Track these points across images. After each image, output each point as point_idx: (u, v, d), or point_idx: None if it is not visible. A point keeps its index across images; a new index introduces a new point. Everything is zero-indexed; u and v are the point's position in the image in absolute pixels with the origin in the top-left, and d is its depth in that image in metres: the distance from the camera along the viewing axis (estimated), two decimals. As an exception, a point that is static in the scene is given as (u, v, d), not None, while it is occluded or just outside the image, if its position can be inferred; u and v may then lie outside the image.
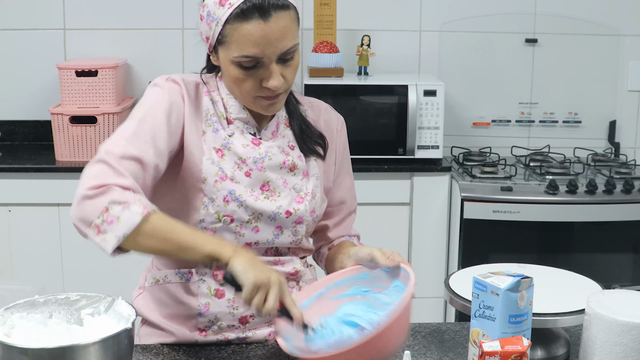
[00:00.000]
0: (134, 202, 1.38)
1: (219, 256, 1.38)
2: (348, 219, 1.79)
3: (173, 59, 3.43)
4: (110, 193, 1.38)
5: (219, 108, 1.60)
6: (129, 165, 1.44)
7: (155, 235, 1.39)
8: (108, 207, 1.37)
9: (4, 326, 1.32)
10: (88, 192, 1.39)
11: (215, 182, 1.55)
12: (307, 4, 3.35)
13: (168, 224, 1.41)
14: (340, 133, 1.75)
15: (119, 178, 1.41)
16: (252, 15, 1.46)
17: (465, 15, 3.46)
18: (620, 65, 3.51)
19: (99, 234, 1.38)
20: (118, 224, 1.37)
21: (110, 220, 1.37)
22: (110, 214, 1.37)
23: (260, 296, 1.35)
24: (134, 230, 1.37)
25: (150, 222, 1.39)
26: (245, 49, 1.48)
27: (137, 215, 1.37)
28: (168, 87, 1.56)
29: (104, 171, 1.42)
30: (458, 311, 2.58)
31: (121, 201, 1.38)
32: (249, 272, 1.35)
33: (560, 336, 1.57)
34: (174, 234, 1.41)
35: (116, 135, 1.49)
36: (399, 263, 1.50)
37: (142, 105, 1.55)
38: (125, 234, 1.37)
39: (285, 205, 1.60)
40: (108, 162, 1.43)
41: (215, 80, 1.63)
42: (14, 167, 3.06)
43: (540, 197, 2.96)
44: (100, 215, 1.38)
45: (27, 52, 3.42)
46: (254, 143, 1.60)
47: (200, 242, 1.40)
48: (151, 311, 1.64)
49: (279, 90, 1.53)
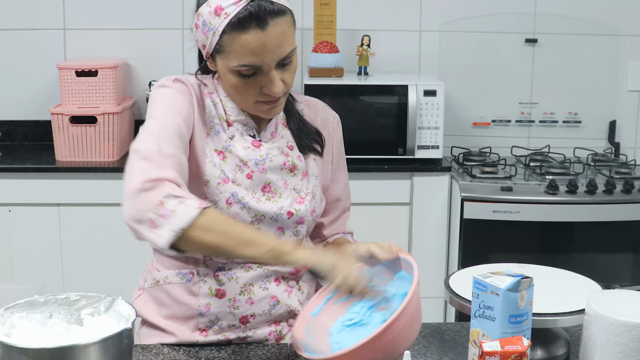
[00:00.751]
0: (190, 196, 1.37)
1: (282, 250, 1.39)
2: (343, 216, 1.80)
3: (173, 59, 3.43)
4: (165, 187, 1.36)
5: (219, 110, 1.60)
6: (169, 161, 1.42)
7: (214, 229, 1.37)
8: (163, 200, 1.34)
9: (4, 326, 1.32)
10: (143, 184, 1.35)
11: (217, 185, 1.55)
12: (307, 4, 3.35)
13: (226, 219, 1.41)
14: (336, 130, 1.75)
15: (165, 171, 1.39)
16: (249, 24, 1.46)
17: (465, 15, 3.46)
18: (620, 65, 3.51)
19: (154, 228, 1.34)
20: (174, 218, 1.34)
21: (166, 214, 1.34)
22: (165, 208, 1.34)
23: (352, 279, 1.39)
24: (191, 223, 1.34)
25: (209, 215, 1.37)
26: (244, 58, 1.48)
27: (194, 208, 1.35)
28: (179, 88, 1.56)
29: (149, 167, 1.39)
30: (458, 311, 2.58)
31: (177, 195, 1.36)
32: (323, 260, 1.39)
33: (560, 336, 1.57)
34: (234, 227, 1.40)
35: (144, 134, 1.47)
36: (398, 254, 1.50)
37: (158, 105, 1.53)
38: (182, 228, 1.34)
39: (286, 206, 1.60)
40: (149, 157, 1.40)
41: (213, 82, 1.63)
42: (14, 167, 3.06)
43: (540, 197, 2.96)
44: (154, 209, 1.34)
45: (27, 52, 3.42)
46: (254, 145, 1.60)
47: (263, 237, 1.40)
48: (151, 312, 1.64)
49: (279, 95, 1.53)
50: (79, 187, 3.04)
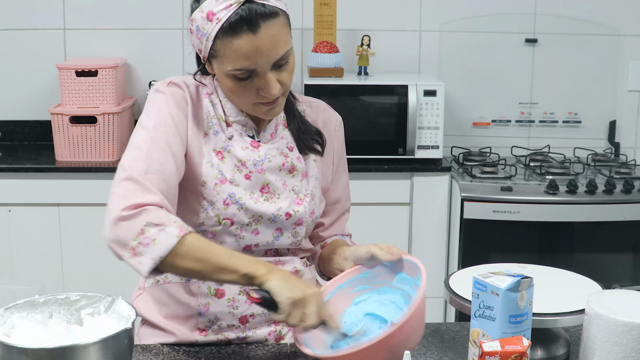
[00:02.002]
0: (170, 223, 1.38)
1: (255, 275, 1.38)
2: (342, 218, 1.80)
3: (173, 59, 3.43)
4: (145, 214, 1.38)
5: (218, 111, 1.60)
6: (155, 180, 1.43)
7: (191, 256, 1.38)
8: (144, 229, 1.37)
9: (4, 326, 1.32)
10: (122, 213, 1.38)
11: (215, 185, 1.55)
12: (307, 4, 3.35)
13: (204, 245, 1.41)
14: (338, 133, 1.75)
15: (149, 195, 1.40)
16: (240, 29, 1.45)
17: (465, 15, 3.46)
18: (620, 65, 3.51)
19: (135, 256, 1.37)
20: (154, 246, 1.36)
21: (147, 243, 1.36)
22: (146, 236, 1.36)
23: (297, 314, 1.35)
24: (170, 252, 1.37)
25: (186, 244, 1.38)
26: (238, 62, 1.48)
27: (173, 237, 1.37)
28: (171, 92, 1.56)
29: (133, 189, 1.41)
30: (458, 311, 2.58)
31: (157, 223, 1.37)
32: (284, 291, 1.35)
33: (560, 336, 1.57)
34: (210, 255, 1.40)
35: (133, 149, 1.48)
36: (400, 255, 1.50)
37: (149, 113, 1.54)
38: (161, 257, 1.36)
39: (285, 207, 1.60)
40: (135, 178, 1.42)
41: (212, 83, 1.63)
42: (14, 167, 3.06)
43: (540, 197, 2.96)
44: (136, 237, 1.37)
45: (27, 52, 3.42)
46: (253, 146, 1.60)
47: (236, 263, 1.39)
48: (151, 311, 1.64)
49: (276, 96, 1.53)
50: (79, 187, 3.04)
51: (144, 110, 1.56)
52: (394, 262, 1.51)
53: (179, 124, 1.53)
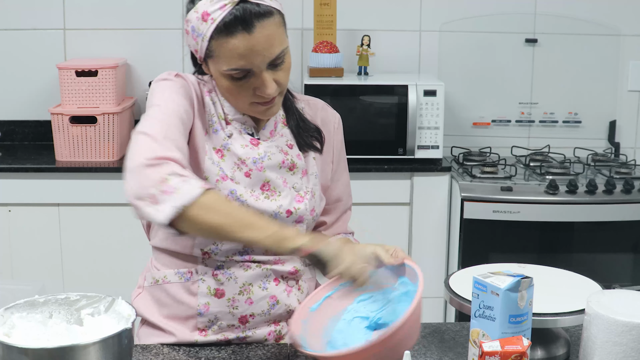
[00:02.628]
0: (194, 177, 1.36)
1: (285, 235, 1.36)
2: (344, 216, 1.80)
3: (173, 59, 3.42)
4: (169, 165, 1.34)
5: (218, 109, 1.60)
6: (172, 146, 1.41)
7: (216, 208, 1.35)
8: (167, 177, 1.32)
9: (4, 326, 1.32)
10: (148, 161, 1.34)
11: (216, 182, 1.55)
12: (307, 4, 3.35)
13: (229, 201, 1.40)
14: (337, 131, 1.75)
15: (172, 152, 1.38)
16: (235, 29, 1.45)
17: (465, 15, 3.46)
18: (620, 65, 3.51)
19: (153, 204, 1.32)
20: (177, 194, 1.32)
21: (169, 191, 1.32)
22: (169, 184, 1.32)
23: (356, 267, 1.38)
24: (194, 202, 1.32)
25: (212, 195, 1.35)
26: (233, 62, 1.48)
27: (198, 187, 1.34)
28: (180, 82, 1.56)
29: (154, 146, 1.38)
30: (458, 311, 2.58)
31: (181, 174, 1.34)
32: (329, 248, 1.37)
33: (560, 336, 1.57)
34: (236, 210, 1.38)
35: (147, 119, 1.46)
36: (403, 260, 1.50)
37: (159, 95, 1.52)
38: (184, 205, 1.31)
39: (285, 204, 1.60)
40: (154, 138, 1.39)
41: (211, 82, 1.63)
42: (14, 167, 3.06)
43: (540, 197, 2.96)
44: (158, 184, 1.32)
45: (27, 52, 3.42)
46: (253, 143, 1.60)
47: (265, 222, 1.38)
48: (151, 311, 1.64)
49: (273, 95, 1.53)
50: (79, 187, 3.04)
51: (151, 94, 1.54)
52: (397, 266, 1.52)
53: (187, 108, 1.52)
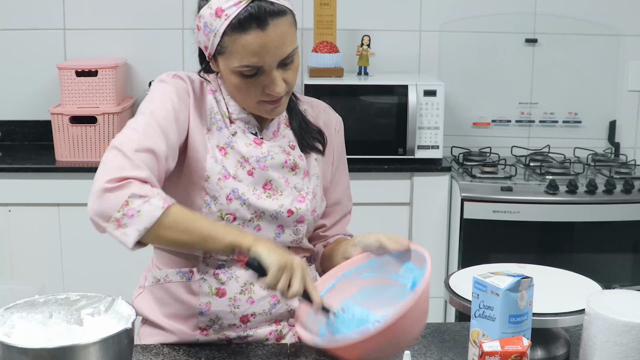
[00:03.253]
0: (154, 195, 1.39)
1: (240, 244, 1.40)
2: (344, 219, 1.80)
3: (173, 59, 3.43)
4: (130, 187, 1.38)
5: (222, 107, 1.61)
6: (144, 158, 1.43)
7: (176, 227, 1.39)
8: (128, 200, 1.37)
9: (4, 326, 1.32)
10: (107, 185, 1.37)
11: (218, 180, 1.55)
12: (307, 4, 3.35)
13: (188, 215, 1.42)
14: (339, 133, 1.76)
15: (136, 170, 1.40)
16: (249, 25, 1.46)
17: (465, 15, 3.46)
18: (620, 65, 3.51)
19: (119, 227, 1.38)
20: (139, 218, 1.37)
21: (131, 214, 1.36)
22: (130, 208, 1.36)
23: (285, 278, 1.38)
24: (155, 223, 1.37)
25: (171, 214, 1.39)
26: (245, 59, 1.48)
27: (158, 208, 1.38)
28: (175, 84, 1.57)
29: (121, 164, 1.41)
30: (458, 311, 2.58)
31: (141, 194, 1.37)
32: (272, 256, 1.38)
33: (560, 336, 1.57)
34: (195, 225, 1.41)
35: (128, 129, 1.49)
36: (409, 246, 1.50)
37: (151, 100, 1.55)
38: (146, 228, 1.37)
39: (287, 204, 1.61)
40: (124, 154, 1.42)
41: (216, 80, 1.63)
42: (14, 167, 3.06)
43: (540, 197, 2.96)
44: (120, 209, 1.37)
45: (27, 52, 3.42)
46: (256, 142, 1.61)
47: (222, 232, 1.41)
48: (152, 310, 1.65)
49: (281, 94, 1.54)
50: (79, 187, 3.04)
51: (146, 98, 1.57)
52: (401, 252, 1.52)
53: (180, 114, 1.53)
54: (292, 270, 1.39)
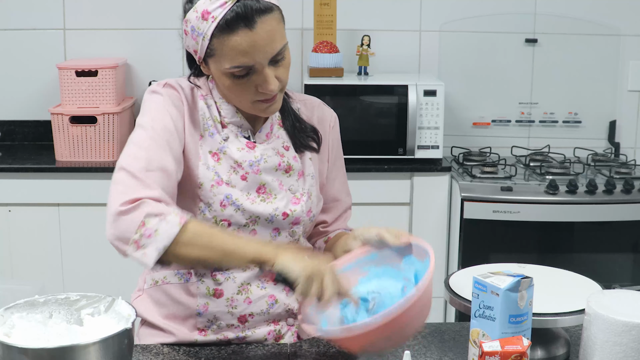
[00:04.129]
0: (170, 212, 1.38)
1: (264, 259, 1.37)
2: (344, 215, 1.80)
3: (173, 59, 3.41)
4: (144, 206, 1.37)
5: (214, 112, 1.60)
6: (154, 176, 1.43)
7: (196, 243, 1.38)
8: (144, 221, 1.36)
9: (4, 326, 1.32)
10: (121, 207, 1.37)
11: (211, 187, 1.55)
12: (307, 4, 3.35)
13: (207, 231, 1.40)
14: (334, 129, 1.75)
15: (148, 190, 1.40)
16: (237, 25, 1.45)
17: (465, 15, 3.46)
18: (620, 65, 3.51)
19: (139, 249, 1.36)
20: (157, 237, 1.36)
21: (149, 234, 1.36)
22: (147, 228, 1.36)
23: (316, 286, 1.34)
24: (173, 240, 1.36)
25: (189, 230, 1.37)
26: (235, 59, 1.48)
27: (175, 225, 1.36)
28: (168, 93, 1.56)
29: (132, 185, 1.40)
30: (458, 311, 2.58)
31: (157, 213, 1.37)
32: (297, 266, 1.35)
33: (560, 336, 1.57)
34: (215, 240, 1.39)
35: (132, 146, 1.48)
36: (409, 241, 1.51)
37: (147, 112, 1.54)
38: (165, 246, 1.35)
39: (281, 207, 1.60)
40: (133, 174, 1.41)
41: (207, 84, 1.63)
42: (14, 167, 3.06)
43: (540, 197, 2.96)
44: (137, 230, 1.36)
45: (27, 52, 3.42)
46: (249, 146, 1.60)
47: (243, 246, 1.39)
48: (150, 312, 1.65)
49: (275, 92, 1.53)
50: (79, 187, 3.04)
51: (141, 111, 1.56)
52: (401, 247, 1.52)
53: (177, 123, 1.53)
54: (321, 275, 1.35)
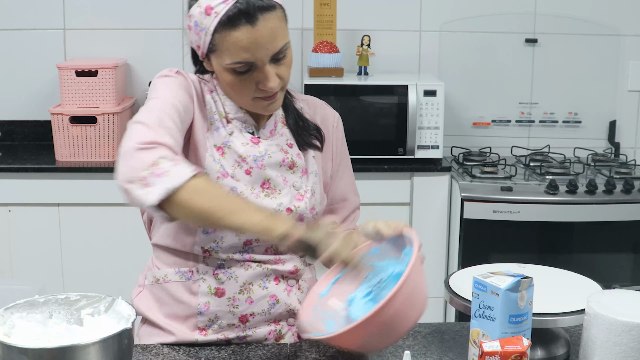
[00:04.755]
0: (185, 162, 1.38)
1: (272, 228, 1.36)
2: (352, 215, 1.79)
3: (173, 59, 3.40)
4: (161, 149, 1.36)
5: (219, 107, 1.61)
6: (168, 131, 1.43)
7: (206, 192, 1.36)
8: (158, 161, 1.34)
9: (4, 326, 1.32)
10: (140, 145, 1.36)
11: (217, 179, 1.55)
12: (307, 4, 3.35)
13: (217, 186, 1.41)
14: (337, 129, 1.75)
15: (164, 138, 1.39)
16: (239, 21, 1.46)
17: (465, 15, 3.46)
18: (620, 65, 3.51)
19: (145, 187, 1.33)
20: (167, 177, 1.34)
21: (160, 173, 1.34)
22: (159, 167, 1.34)
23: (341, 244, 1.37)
24: (184, 185, 1.34)
25: (202, 180, 1.37)
26: (236, 55, 1.48)
27: (189, 171, 1.35)
28: (181, 78, 1.57)
29: (148, 132, 1.40)
30: (458, 311, 2.58)
31: (171, 158, 1.36)
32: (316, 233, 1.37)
33: (560, 336, 1.57)
34: (226, 195, 1.40)
35: (144, 110, 1.48)
36: (402, 230, 1.50)
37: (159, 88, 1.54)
38: (175, 187, 1.33)
39: (286, 202, 1.60)
40: (149, 126, 1.41)
41: (212, 81, 1.63)
42: (14, 167, 3.06)
43: (540, 197, 2.96)
44: (148, 167, 1.34)
45: (27, 52, 3.42)
46: (253, 142, 1.61)
47: (255, 209, 1.39)
48: (151, 310, 1.64)
49: (275, 89, 1.53)
50: (79, 187, 3.04)
51: (151, 90, 1.55)
52: (399, 239, 1.52)
53: (187, 105, 1.53)
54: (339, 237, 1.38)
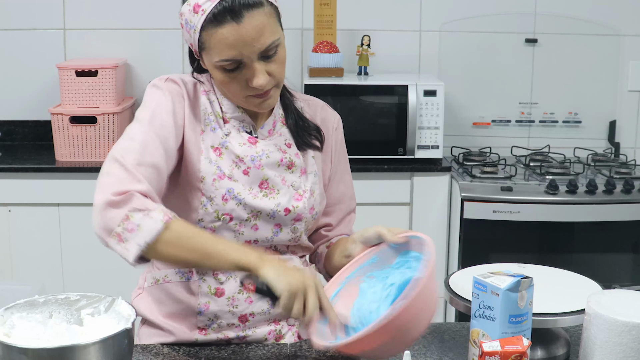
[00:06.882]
0: (155, 209, 1.38)
1: (246, 265, 1.36)
2: (347, 218, 1.79)
3: (173, 59, 3.43)
4: (132, 200, 1.37)
5: (216, 107, 1.61)
6: (144, 172, 1.43)
7: (177, 243, 1.38)
8: (129, 214, 1.36)
9: (4, 326, 1.32)
10: (111, 197, 1.37)
11: (213, 181, 1.55)
12: (307, 4, 3.36)
13: (189, 231, 1.40)
14: (337, 131, 1.75)
15: (137, 184, 1.40)
16: (224, 19, 1.46)
17: (465, 15, 3.46)
18: (620, 65, 3.51)
19: (120, 242, 1.36)
20: (139, 232, 1.35)
21: (131, 228, 1.35)
22: (131, 222, 1.35)
23: (298, 304, 1.33)
24: (156, 238, 1.36)
25: (172, 229, 1.37)
26: (223, 53, 1.48)
27: (159, 222, 1.36)
28: (168, 88, 1.57)
29: (122, 177, 1.40)
30: (458, 311, 2.58)
31: (142, 208, 1.36)
32: (282, 280, 1.33)
33: (560, 336, 1.57)
34: (197, 241, 1.39)
35: (126, 139, 1.48)
36: (407, 237, 1.50)
37: (146, 107, 1.54)
38: (147, 242, 1.35)
39: (284, 202, 1.60)
40: (125, 167, 1.41)
41: (209, 80, 1.63)
42: (14, 167, 3.06)
43: (540, 197, 2.96)
44: (121, 223, 1.36)
45: (27, 52, 3.42)
46: (251, 142, 1.61)
47: (224, 250, 1.39)
48: (151, 311, 1.64)
49: (267, 87, 1.53)
50: (79, 187, 3.04)
51: (141, 105, 1.56)
52: (400, 245, 1.51)
53: (176, 118, 1.54)
54: (304, 291, 1.34)
